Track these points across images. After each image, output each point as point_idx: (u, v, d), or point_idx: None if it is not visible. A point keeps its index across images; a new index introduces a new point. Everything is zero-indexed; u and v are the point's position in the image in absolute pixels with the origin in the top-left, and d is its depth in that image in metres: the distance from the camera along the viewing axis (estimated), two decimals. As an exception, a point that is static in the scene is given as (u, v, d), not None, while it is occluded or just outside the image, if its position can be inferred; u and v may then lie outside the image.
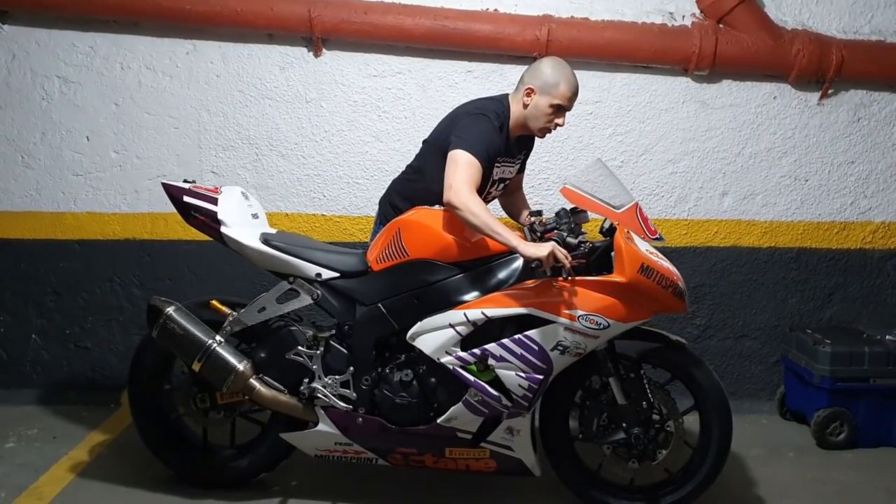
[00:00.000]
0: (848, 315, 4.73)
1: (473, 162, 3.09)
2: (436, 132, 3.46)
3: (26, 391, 4.55)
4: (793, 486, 3.77)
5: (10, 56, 4.38)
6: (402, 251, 3.19)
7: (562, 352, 3.03)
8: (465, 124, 3.23)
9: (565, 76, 3.27)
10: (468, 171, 3.07)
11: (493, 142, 3.23)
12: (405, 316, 3.17)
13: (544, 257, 2.85)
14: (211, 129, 4.47)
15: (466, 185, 3.03)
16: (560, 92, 3.26)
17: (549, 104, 3.28)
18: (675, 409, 3.31)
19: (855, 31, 4.50)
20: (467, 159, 3.09)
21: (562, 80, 3.26)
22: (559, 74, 3.26)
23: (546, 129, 3.37)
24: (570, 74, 3.28)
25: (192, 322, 3.26)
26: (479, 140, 3.15)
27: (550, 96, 3.27)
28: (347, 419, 3.28)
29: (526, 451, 3.25)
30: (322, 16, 4.24)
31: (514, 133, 3.43)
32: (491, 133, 3.22)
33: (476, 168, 3.10)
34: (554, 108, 3.29)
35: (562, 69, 3.28)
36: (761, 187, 4.62)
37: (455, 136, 3.18)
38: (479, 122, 3.23)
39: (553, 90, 3.26)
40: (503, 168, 3.46)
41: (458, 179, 3.04)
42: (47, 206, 4.48)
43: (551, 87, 3.26)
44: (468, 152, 3.10)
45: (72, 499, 3.44)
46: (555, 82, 3.25)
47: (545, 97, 3.28)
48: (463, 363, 3.08)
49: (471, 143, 3.13)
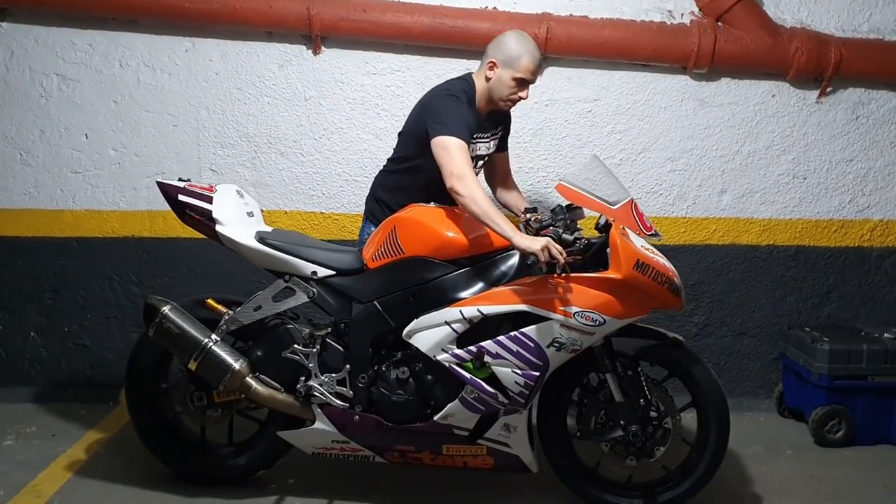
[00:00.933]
0: (846, 313, 4.73)
1: (462, 146, 3.13)
2: (409, 121, 3.51)
3: (24, 389, 4.55)
4: (791, 483, 3.77)
5: (9, 53, 4.38)
6: (398, 249, 3.19)
7: (558, 348, 3.03)
8: (440, 108, 3.26)
9: (528, 50, 3.31)
10: (463, 156, 3.10)
11: (470, 120, 3.26)
12: (401, 313, 3.17)
13: (538, 250, 2.85)
14: (210, 126, 4.47)
15: (469, 171, 3.07)
16: (522, 65, 3.30)
17: (511, 77, 3.32)
18: (672, 407, 3.31)
19: (853, 29, 4.49)
20: (458, 144, 3.12)
21: (524, 53, 3.30)
22: (522, 48, 3.30)
23: (510, 101, 3.41)
24: (533, 48, 3.33)
25: (188, 321, 3.26)
26: (459, 121, 3.19)
27: (513, 69, 3.31)
28: (344, 417, 3.29)
29: (523, 448, 3.25)
30: (321, 13, 4.24)
31: (483, 108, 3.46)
32: (466, 112, 3.26)
33: (466, 151, 3.14)
34: (517, 81, 3.34)
35: (525, 42, 3.32)
36: (760, 185, 4.62)
37: (434, 122, 3.20)
38: (451, 102, 3.27)
39: (515, 63, 3.30)
40: (479, 144, 3.50)
41: (458, 166, 3.06)
42: (46, 203, 4.48)
43: (514, 61, 3.30)
44: (456, 137, 3.13)
45: (70, 496, 3.44)
46: (517, 55, 3.29)
47: (508, 70, 3.32)
48: (459, 360, 3.08)
49: (453, 126, 3.15)
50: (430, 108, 3.31)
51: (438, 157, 3.13)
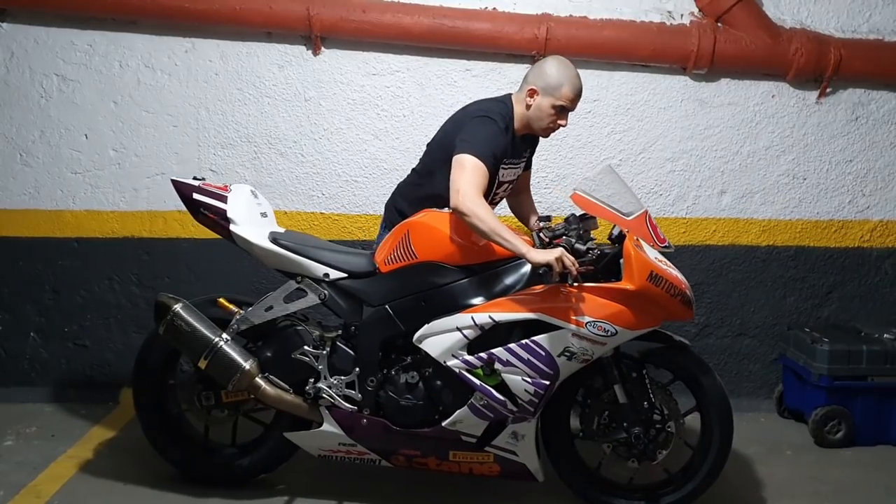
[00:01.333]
0: (846, 313, 4.75)
1: (480, 166, 3.07)
2: (440, 135, 3.44)
3: (25, 389, 4.53)
4: (791, 484, 3.78)
5: (9, 54, 4.36)
6: (411, 253, 3.19)
7: (569, 358, 3.03)
8: (472, 128, 3.20)
9: (569, 77, 3.25)
10: (475, 176, 3.05)
11: (499, 145, 3.20)
12: (412, 318, 3.17)
13: (553, 261, 2.85)
14: (210, 127, 4.46)
15: (473, 190, 3.01)
16: (563, 93, 3.24)
17: (551, 105, 3.26)
18: (676, 410, 3.31)
19: (853, 30, 4.51)
20: (474, 164, 3.06)
21: (565, 81, 3.23)
22: (563, 76, 3.24)
23: (549, 129, 3.36)
24: (573, 75, 3.26)
25: (199, 319, 3.26)
26: (486, 144, 3.13)
27: (553, 97, 3.25)
28: (352, 420, 3.28)
29: (530, 457, 3.26)
30: (321, 14, 4.24)
31: (519, 133, 3.41)
32: (497, 136, 3.20)
33: (483, 173, 3.07)
34: (556, 109, 3.27)
35: (566, 70, 3.26)
36: (760, 186, 4.63)
37: (461, 139, 3.15)
38: (485, 125, 3.20)
39: (556, 92, 3.24)
40: (509, 170, 3.44)
41: (464, 184, 3.01)
42: (46, 204, 4.47)
43: (554, 89, 3.24)
44: (475, 157, 3.07)
45: (70, 497, 3.44)
46: (558, 84, 3.23)
47: (548, 98, 3.26)
48: (469, 367, 3.08)
49: (477, 147, 3.10)
50: (462, 126, 3.25)
51: (452, 173, 3.08)
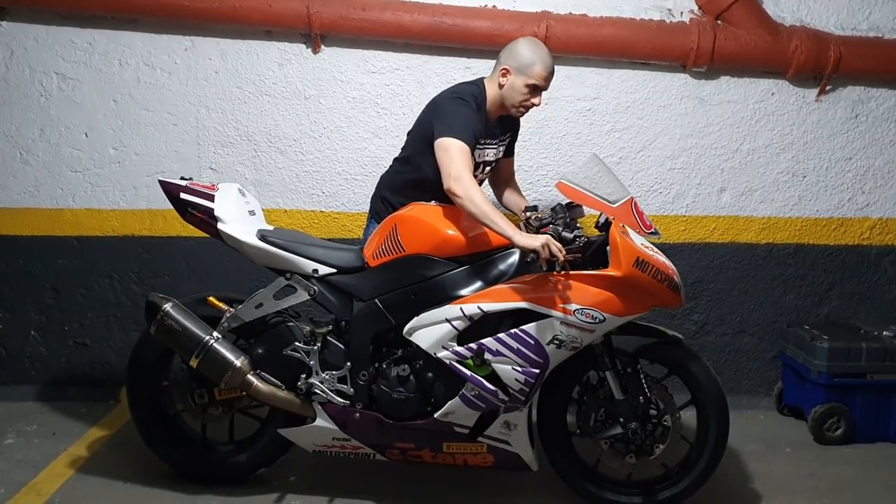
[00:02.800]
0: (845, 311, 4.73)
1: (464, 148, 3.14)
2: (417, 122, 3.50)
3: (25, 387, 4.55)
4: (790, 481, 3.77)
5: (9, 52, 4.38)
6: (399, 247, 3.20)
7: (558, 346, 3.04)
8: (447, 111, 3.28)
9: (541, 57, 3.31)
10: (463, 158, 3.12)
11: (475, 125, 3.27)
12: (402, 311, 3.18)
13: (538, 247, 2.86)
14: (209, 125, 4.47)
15: (467, 173, 3.07)
16: (535, 72, 3.30)
17: (524, 84, 3.32)
18: (672, 405, 3.32)
19: (853, 27, 4.50)
20: (459, 146, 3.13)
21: (537, 60, 3.30)
22: (535, 55, 3.31)
23: (522, 107, 3.41)
24: (545, 55, 3.33)
25: (190, 318, 3.27)
26: (465, 125, 3.20)
27: (526, 76, 3.31)
28: (345, 414, 3.29)
29: (523, 446, 3.26)
30: (320, 12, 4.24)
31: (493, 114, 3.47)
32: (472, 116, 3.27)
33: (468, 153, 3.15)
34: (529, 87, 3.34)
35: (538, 49, 3.33)
36: (759, 183, 4.62)
37: (439, 123, 3.22)
38: (459, 106, 3.28)
39: (528, 70, 3.30)
40: (487, 150, 3.50)
41: (456, 167, 3.07)
42: (46, 202, 4.48)
43: (526, 68, 3.30)
44: (457, 139, 3.14)
45: (71, 495, 3.45)
46: (530, 62, 3.30)
47: (521, 77, 3.32)
48: (459, 358, 3.09)
49: (457, 129, 3.17)
50: (437, 110, 3.32)
51: (439, 158, 3.15)
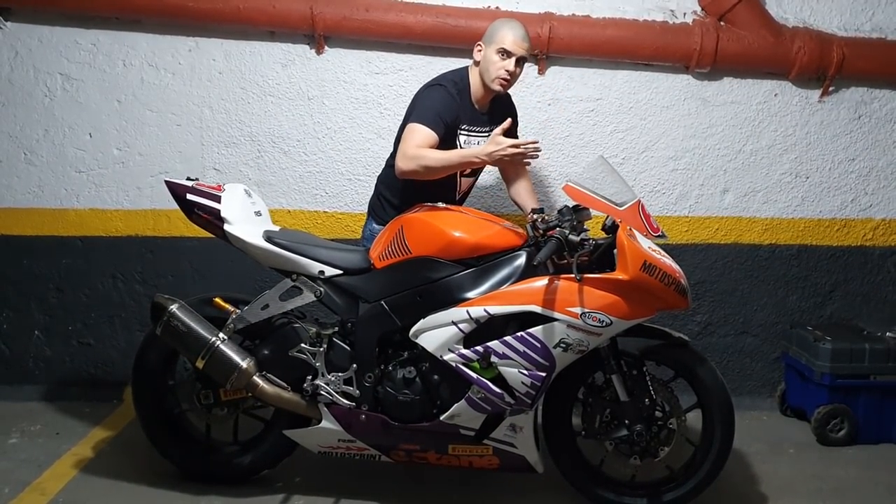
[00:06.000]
0: (848, 312, 4.73)
1: (420, 128, 3.28)
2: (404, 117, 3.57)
3: (29, 387, 4.55)
4: (793, 482, 3.78)
5: (13, 53, 4.38)
6: (405, 248, 3.20)
7: (564, 349, 3.04)
8: (419, 98, 3.44)
9: (507, 23, 3.45)
10: (415, 137, 3.26)
11: (447, 107, 3.36)
12: (408, 313, 3.18)
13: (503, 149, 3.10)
14: (213, 126, 4.48)
15: (411, 147, 3.23)
16: (501, 35, 3.41)
17: (494, 51, 3.41)
18: (677, 407, 3.32)
19: (856, 28, 4.50)
20: (412, 128, 3.28)
21: (503, 25, 3.44)
22: (501, 23, 3.46)
23: (499, 78, 3.45)
24: (513, 22, 3.47)
25: (196, 319, 3.27)
26: (429, 108, 3.31)
27: (495, 43, 3.42)
28: (350, 416, 3.29)
29: (529, 448, 3.26)
30: (324, 13, 4.24)
31: (481, 99, 3.55)
32: (443, 99, 3.37)
33: (424, 133, 3.27)
34: (500, 52, 3.42)
35: (506, 20, 3.48)
36: (762, 184, 4.63)
37: (411, 111, 3.38)
38: (431, 92, 3.41)
39: (495, 36, 3.42)
40: (473, 137, 3.55)
41: (405, 147, 3.26)
42: (50, 202, 4.49)
43: (493, 35, 3.44)
44: (416, 122, 3.28)
45: (75, 494, 3.45)
46: (496, 29, 3.44)
47: (491, 46, 3.43)
48: (466, 360, 3.09)
49: (422, 114, 3.32)
50: (413, 101, 3.46)
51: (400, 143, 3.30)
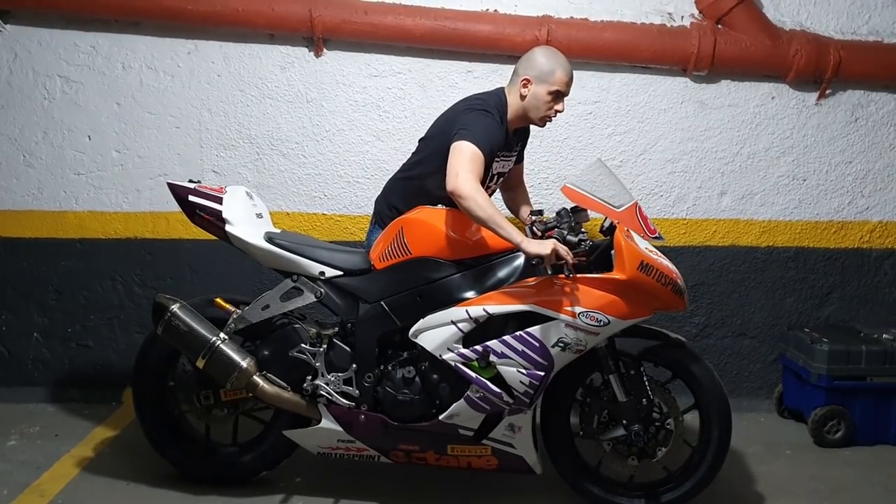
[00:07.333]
0: (845, 314, 4.74)
1: (478, 154, 3.10)
2: (434, 129, 3.47)
3: (28, 389, 4.56)
4: (790, 483, 3.78)
5: (13, 55, 4.39)
6: (405, 249, 3.21)
7: (563, 348, 3.05)
8: (469, 119, 3.23)
9: (560, 62, 3.33)
10: (474, 163, 3.08)
11: (496, 137, 3.26)
12: (408, 313, 3.20)
13: (547, 255, 2.87)
14: (212, 128, 4.49)
15: (473, 176, 3.04)
16: (557, 78, 3.31)
17: (547, 91, 3.32)
18: (675, 408, 3.33)
19: (853, 31, 4.51)
20: (473, 151, 3.09)
21: (557, 66, 3.31)
22: (554, 62, 3.32)
23: (547, 117, 3.41)
24: (564, 60, 3.34)
25: (197, 319, 3.28)
26: (485, 134, 3.17)
27: (548, 84, 3.31)
28: (350, 416, 3.30)
29: (527, 449, 3.27)
30: (323, 16, 4.26)
31: (513, 125, 3.46)
32: (494, 128, 3.25)
33: (481, 161, 3.11)
34: (553, 94, 3.33)
35: (555, 56, 3.35)
36: (759, 187, 4.64)
37: (460, 128, 3.18)
38: (482, 117, 3.25)
39: (550, 77, 3.31)
40: (502, 162, 3.49)
41: (463, 168, 3.04)
42: (49, 205, 4.50)
43: (547, 75, 3.31)
44: (474, 144, 3.11)
45: (74, 496, 3.45)
46: (550, 70, 3.31)
47: (543, 85, 3.32)
48: (465, 360, 3.10)
49: (476, 136, 3.13)
50: (459, 118, 3.27)
51: (451, 158, 3.10)
